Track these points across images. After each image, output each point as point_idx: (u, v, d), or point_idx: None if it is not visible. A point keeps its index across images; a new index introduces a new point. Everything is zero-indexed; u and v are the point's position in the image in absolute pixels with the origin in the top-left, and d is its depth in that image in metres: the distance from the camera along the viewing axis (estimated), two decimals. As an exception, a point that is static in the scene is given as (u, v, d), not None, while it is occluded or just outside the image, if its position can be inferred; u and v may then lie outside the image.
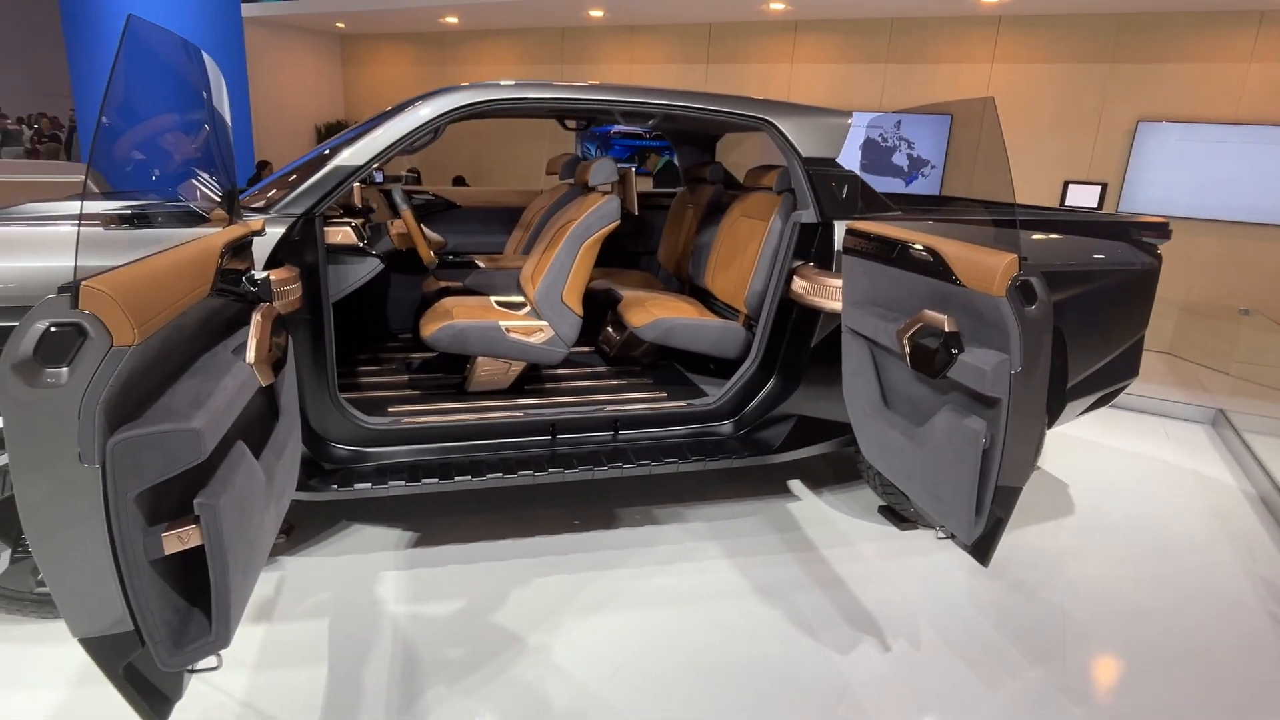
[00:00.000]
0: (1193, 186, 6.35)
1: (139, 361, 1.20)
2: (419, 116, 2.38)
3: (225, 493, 1.35)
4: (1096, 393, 3.16)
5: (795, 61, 7.94)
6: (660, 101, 2.66)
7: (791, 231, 2.71)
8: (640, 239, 4.23)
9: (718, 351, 2.97)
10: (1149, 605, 2.56)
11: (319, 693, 1.95)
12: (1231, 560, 2.91)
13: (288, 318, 2.16)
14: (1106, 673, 2.22)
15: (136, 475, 1.19)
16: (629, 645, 2.20)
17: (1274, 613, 2.57)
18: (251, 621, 2.22)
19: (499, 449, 2.59)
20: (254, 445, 1.65)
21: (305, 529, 2.71)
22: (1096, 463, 3.82)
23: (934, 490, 2.03)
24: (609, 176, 2.83)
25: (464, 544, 2.68)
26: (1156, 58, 6.45)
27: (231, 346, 1.63)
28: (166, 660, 1.29)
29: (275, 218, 2.20)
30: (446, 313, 2.78)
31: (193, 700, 1.88)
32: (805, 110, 2.74)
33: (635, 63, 8.78)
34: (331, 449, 2.44)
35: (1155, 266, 3.11)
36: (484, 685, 2.00)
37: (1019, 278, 1.80)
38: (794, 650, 2.22)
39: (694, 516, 2.97)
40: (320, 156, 2.40)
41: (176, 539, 1.28)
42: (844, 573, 2.64)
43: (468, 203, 4.01)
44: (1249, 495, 3.53)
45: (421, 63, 10.29)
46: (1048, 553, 2.87)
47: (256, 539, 1.54)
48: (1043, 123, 6.92)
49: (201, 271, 1.47)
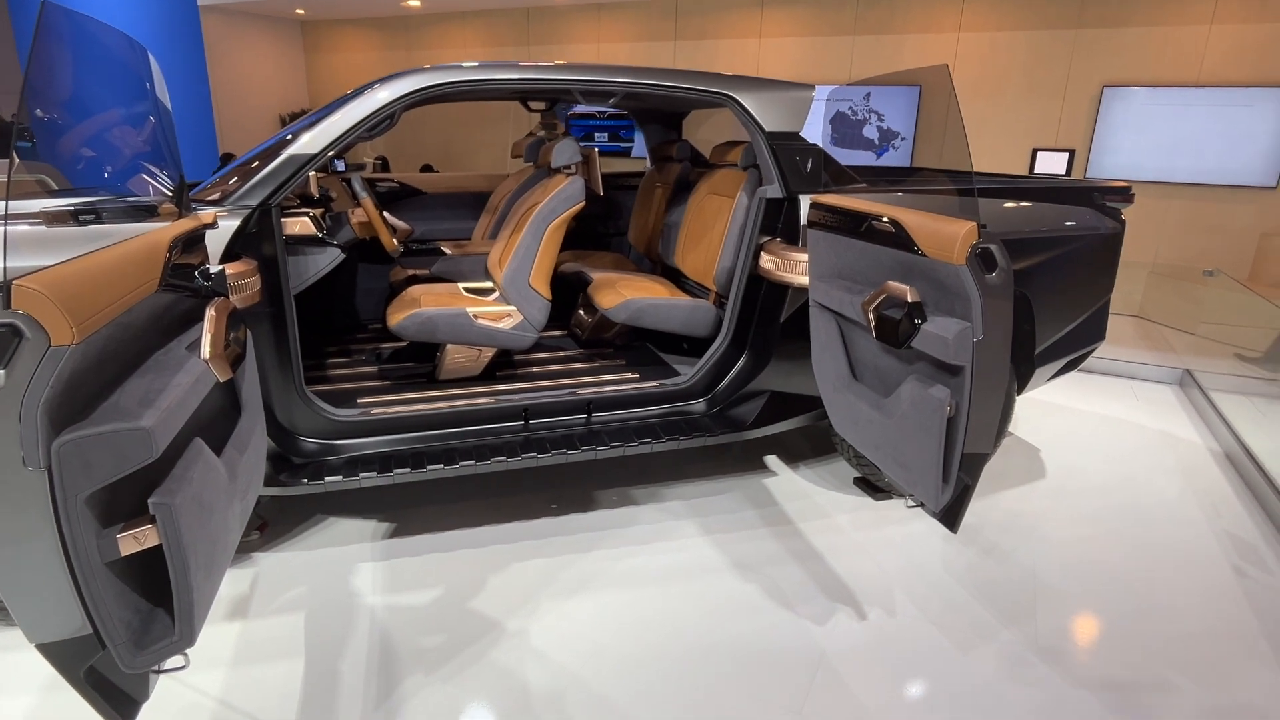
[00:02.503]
0: (1158, 150, 6.41)
1: (82, 361, 1.17)
2: (375, 101, 2.34)
3: (182, 490, 1.32)
4: (1065, 357, 3.20)
5: (763, 36, 7.88)
6: (622, 80, 2.63)
7: (757, 207, 2.70)
8: (610, 220, 4.20)
9: (688, 330, 2.97)
10: (1117, 563, 2.62)
11: (296, 687, 1.94)
12: (1198, 517, 2.97)
13: (248, 311, 2.12)
14: (1076, 631, 2.26)
15: (85, 477, 1.17)
16: (608, 626, 2.21)
17: (1238, 566, 2.63)
18: (226, 619, 2.20)
19: (472, 436, 2.58)
20: (215, 442, 1.63)
21: (279, 525, 2.69)
22: (1068, 426, 3.87)
23: (902, 460, 2.05)
24: (572, 158, 2.80)
25: (440, 533, 2.67)
26: (1120, 22, 6.48)
27: (186, 343, 1.60)
28: (129, 662, 1.27)
29: (230, 210, 2.16)
30: (414, 301, 2.75)
31: (166, 699, 1.87)
32: (767, 84, 2.72)
33: (602, 41, 8.68)
34: (300, 443, 2.42)
35: (1119, 230, 3.14)
36: (462, 672, 2.01)
37: (979, 245, 1.81)
38: (772, 623, 2.24)
39: (671, 496, 2.98)
40: (276, 145, 2.35)
41: (133, 540, 1.26)
42: (820, 545, 2.67)
43: (433, 189, 3.96)
44: (1215, 453, 3.60)
45: (385, 48, 10.11)
46: (1020, 516, 2.92)
47: (220, 536, 1.52)
48: (1010, 91, 6.94)
49: (148, 267, 1.43)
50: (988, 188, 2.92)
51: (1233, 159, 6.12)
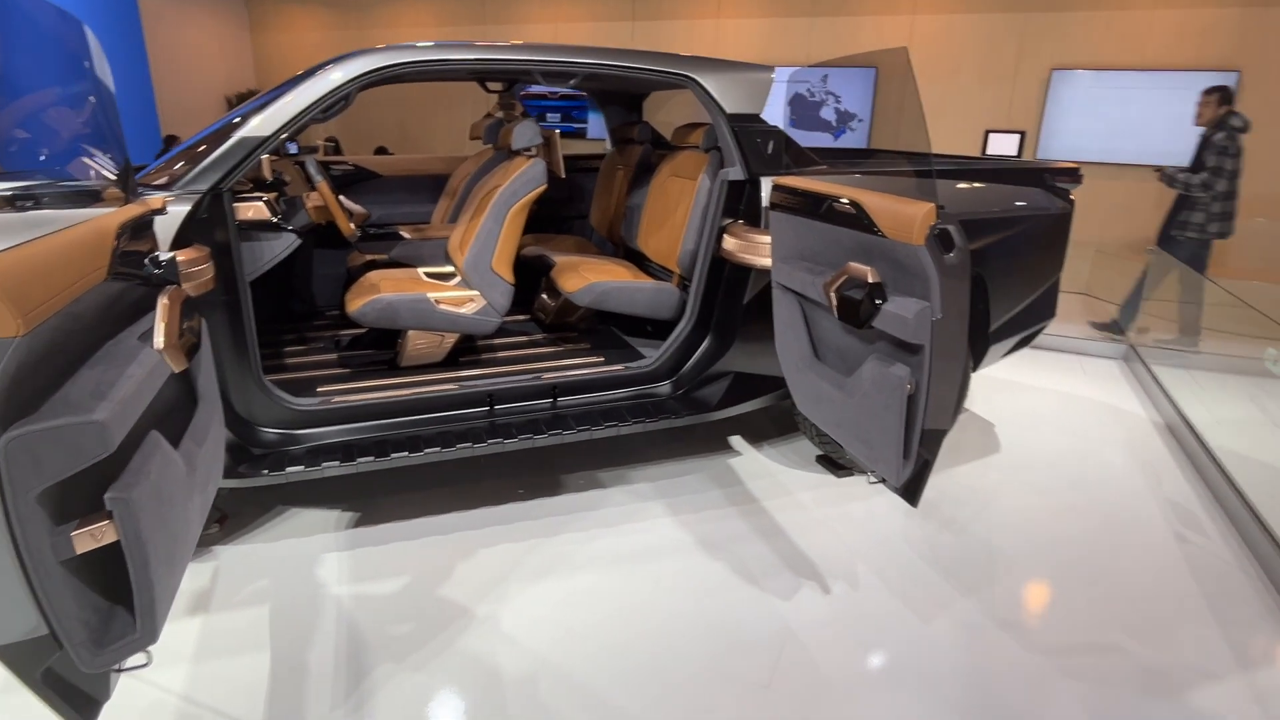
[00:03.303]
0: (1104, 132, 6.59)
1: (28, 354, 1.12)
2: (330, 81, 2.27)
3: (139, 484, 1.29)
4: (1018, 334, 3.29)
5: (721, 17, 7.85)
6: (583, 60, 2.60)
7: (719, 189, 2.71)
8: (572, 203, 4.17)
9: (652, 313, 2.98)
10: (1068, 532, 2.72)
11: (262, 679, 1.91)
12: (1142, 486, 3.10)
13: (202, 299, 2.06)
14: (1030, 597, 2.35)
15: (35, 474, 1.13)
16: (577, 608, 2.23)
17: (1179, 531, 2.76)
18: (187, 614, 2.15)
19: (436, 423, 2.55)
20: (171, 434, 1.58)
21: (239, 517, 2.64)
22: (1020, 401, 4.00)
23: (864, 437, 2.09)
24: (533, 140, 2.77)
25: (406, 521, 2.65)
26: (1068, 6, 6.62)
27: (138, 333, 1.55)
28: (88, 662, 1.24)
29: (179, 195, 2.09)
30: (373, 286, 2.70)
31: (129, 698, 1.82)
32: (728, 66, 2.72)
33: (559, 21, 8.56)
34: (259, 433, 2.37)
35: (1068, 210, 3.23)
36: (433, 659, 2.00)
37: (937, 226, 1.84)
38: (738, 600, 2.28)
39: (638, 478, 3.00)
40: (226, 127, 2.27)
41: (89, 537, 1.22)
42: (785, 522, 2.72)
43: (390, 172, 3.88)
44: (1157, 424, 3.76)
45: (335, 27, 9.81)
46: (976, 490, 3.01)
47: (180, 530, 1.48)
48: (964, 73, 7.05)
49: (95, 254, 1.38)
50: (943, 169, 2.98)
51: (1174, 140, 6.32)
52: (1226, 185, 4.65)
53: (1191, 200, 4.77)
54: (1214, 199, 4.69)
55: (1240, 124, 4.64)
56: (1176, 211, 4.90)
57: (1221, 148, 4.64)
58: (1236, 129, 4.63)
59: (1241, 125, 4.64)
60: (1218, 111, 4.71)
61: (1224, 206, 4.70)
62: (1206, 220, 4.75)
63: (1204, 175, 4.68)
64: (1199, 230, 4.78)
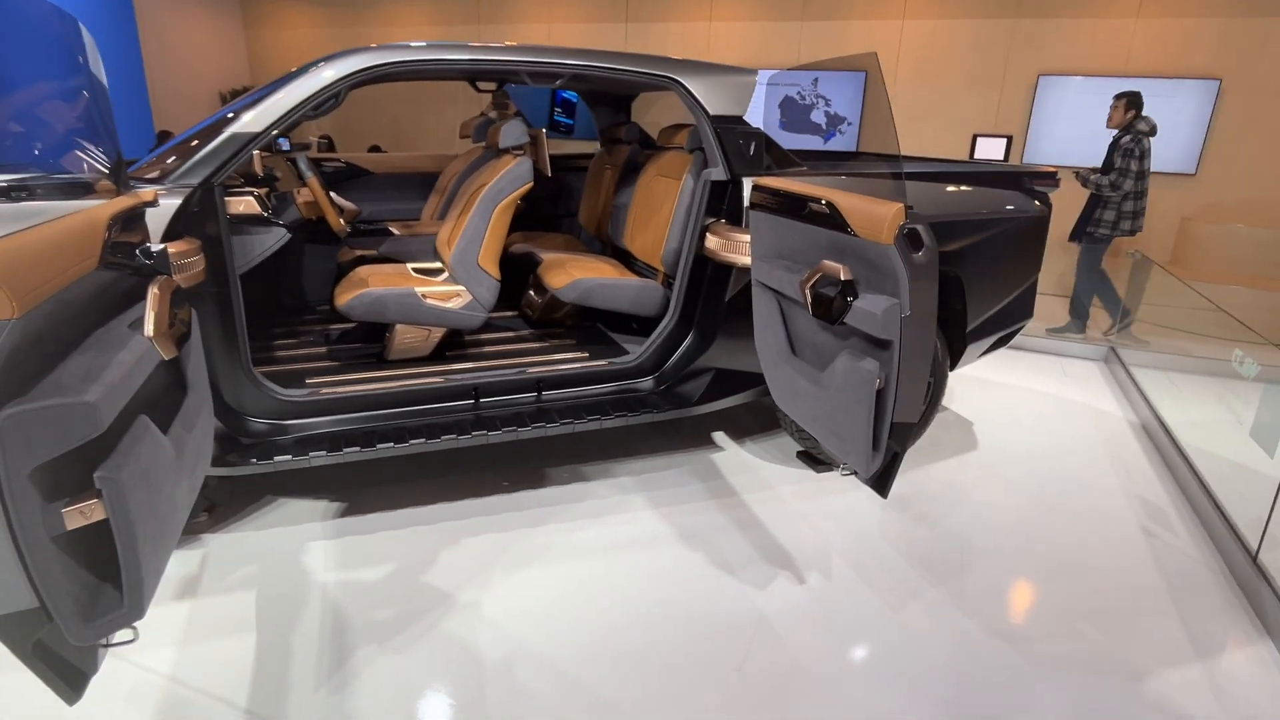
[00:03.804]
0: (1089, 137, 6.67)
1: (22, 337, 1.17)
2: (321, 80, 2.32)
3: (128, 465, 1.34)
4: (995, 334, 3.36)
5: (713, 20, 7.92)
6: (569, 61, 2.65)
7: (703, 189, 2.77)
8: (560, 201, 4.23)
9: (636, 310, 3.03)
10: (1039, 527, 2.79)
11: (247, 662, 1.96)
12: (1114, 484, 3.18)
13: (193, 291, 2.11)
14: (997, 588, 2.42)
15: (28, 452, 1.18)
16: (557, 596, 2.28)
17: (1147, 527, 2.83)
18: (175, 598, 2.20)
19: (422, 415, 2.60)
20: (161, 419, 1.63)
21: (228, 506, 2.68)
22: (1000, 401, 4.07)
23: (836, 430, 2.15)
24: (520, 139, 2.82)
25: (392, 511, 2.70)
26: (1055, 13, 6.71)
27: (128, 321, 1.60)
28: (76, 634, 1.29)
29: (171, 188, 2.14)
30: (362, 281, 2.75)
31: (115, 678, 1.87)
32: (712, 69, 2.78)
33: (554, 22, 8.61)
34: (248, 423, 2.41)
35: (1046, 213, 3.31)
36: (415, 642, 2.05)
37: (906, 226, 1.91)
38: (714, 588, 2.34)
39: (621, 472, 3.05)
40: (218, 123, 2.32)
41: (79, 514, 1.27)
42: (763, 515, 2.78)
43: (381, 169, 3.93)
44: (1133, 424, 3.83)
45: (329, 24, 9.83)
46: (952, 485, 3.08)
47: (168, 511, 1.53)
48: (953, 78, 7.13)
49: (87, 243, 1.43)
50: (921, 172, 3.04)
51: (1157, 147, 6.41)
52: (1134, 185, 4.93)
53: (1104, 200, 5.05)
54: (1124, 198, 4.97)
55: (1146, 128, 4.91)
56: (1091, 210, 5.17)
57: (1127, 150, 4.89)
58: (1142, 133, 4.90)
59: (1148, 129, 4.91)
60: (1126, 116, 4.98)
61: (1134, 205, 4.99)
62: (1118, 218, 5.04)
63: (1112, 176, 4.95)
64: (1111, 228, 5.05)
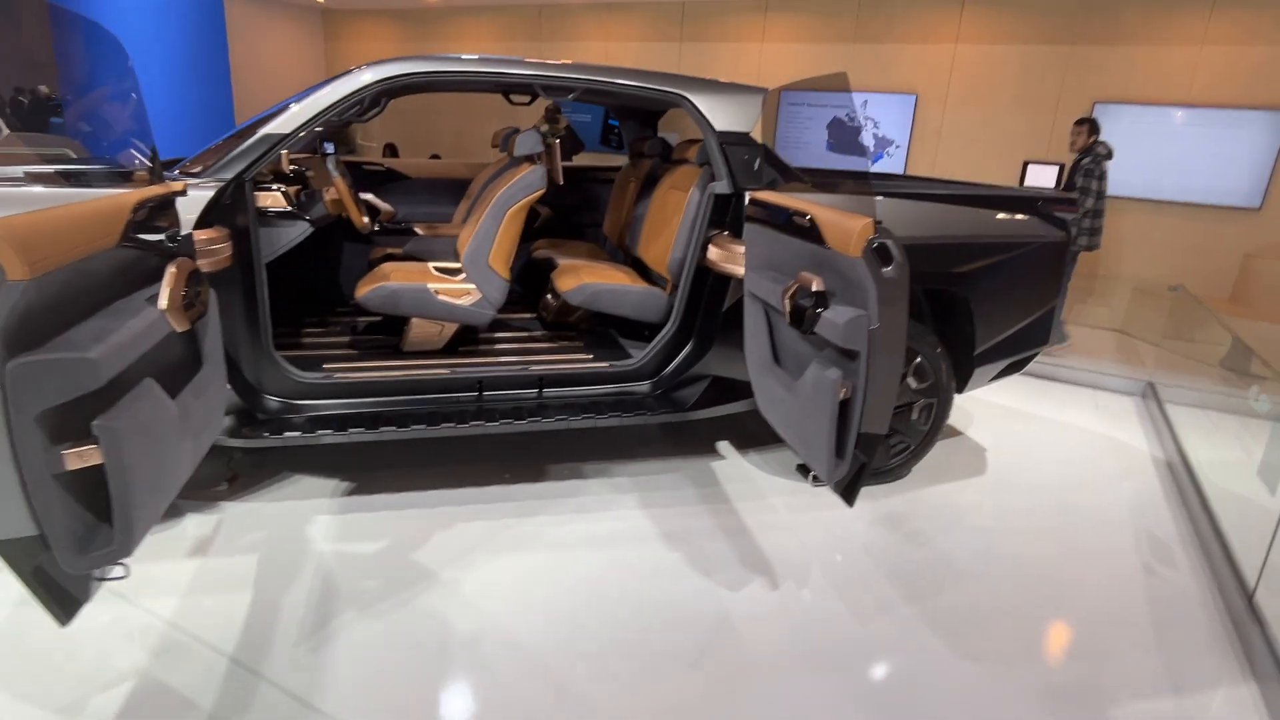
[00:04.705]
0: (1147, 167, 6.48)
1: (37, 298, 1.36)
2: (341, 90, 2.53)
3: (125, 418, 1.51)
4: (1006, 359, 3.33)
5: (765, 41, 8.02)
6: (579, 77, 2.80)
7: (707, 202, 2.87)
8: (588, 211, 4.38)
9: (639, 315, 3.14)
10: (1032, 554, 2.75)
11: (240, 615, 2.13)
12: (1123, 517, 3.10)
13: (220, 276, 2.32)
14: (971, 610, 2.40)
15: (36, 397, 1.36)
16: (534, 581, 2.39)
17: (1148, 564, 2.76)
18: (187, 555, 2.40)
19: (427, 403, 2.76)
20: (171, 386, 1.82)
21: (248, 478, 2.89)
22: (1020, 429, 4.00)
23: (803, 436, 2.21)
24: (534, 148, 2.98)
25: (396, 493, 2.86)
26: (1113, 39, 6.56)
27: (146, 296, 1.79)
28: (70, 563, 1.46)
29: (207, 181, 2.36)
30: (382, 275, 2.95)
31: (120, 620, 2.07)
32: (719, 86, 2.88)
33: (610, 40, 8.86)
34: (265, 400, 2.62)
35: (1064, 239, 3.27)
36: (394, 611, 2.19)
37: (874, 240, 1.96)
38: (686, 587, 2.40)
39: (619, 472, 3.15)
40: (254, 124, 2.55)
41: (77, 456, 1.45)
42: (751, 522, 2.83)
43: (417, 174, 4.16)
44: (1157, 460, 3.71)
45: (403, 39, 10.35)
46: (950, 507, 3.06)
47: (167, 465, 1.71)
48: (1004, 103, 7.03)
49: (109, 223, 1.63)
50: (930, 193, 3.06)
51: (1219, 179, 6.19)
52: (1093, 204, 5.30)
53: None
54: (1083, 215, 5.30)
55: (1105, 151, 5.34)
56: None
57: (1088, 170, 5.32)
58: (1101, 155, 5.34)
59: (1106, 153, 5.35)
60: (1087, 140, 5.42)
61: (1091, 223, 5.36)
62: (1077, 234, 5.29)
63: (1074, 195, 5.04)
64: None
